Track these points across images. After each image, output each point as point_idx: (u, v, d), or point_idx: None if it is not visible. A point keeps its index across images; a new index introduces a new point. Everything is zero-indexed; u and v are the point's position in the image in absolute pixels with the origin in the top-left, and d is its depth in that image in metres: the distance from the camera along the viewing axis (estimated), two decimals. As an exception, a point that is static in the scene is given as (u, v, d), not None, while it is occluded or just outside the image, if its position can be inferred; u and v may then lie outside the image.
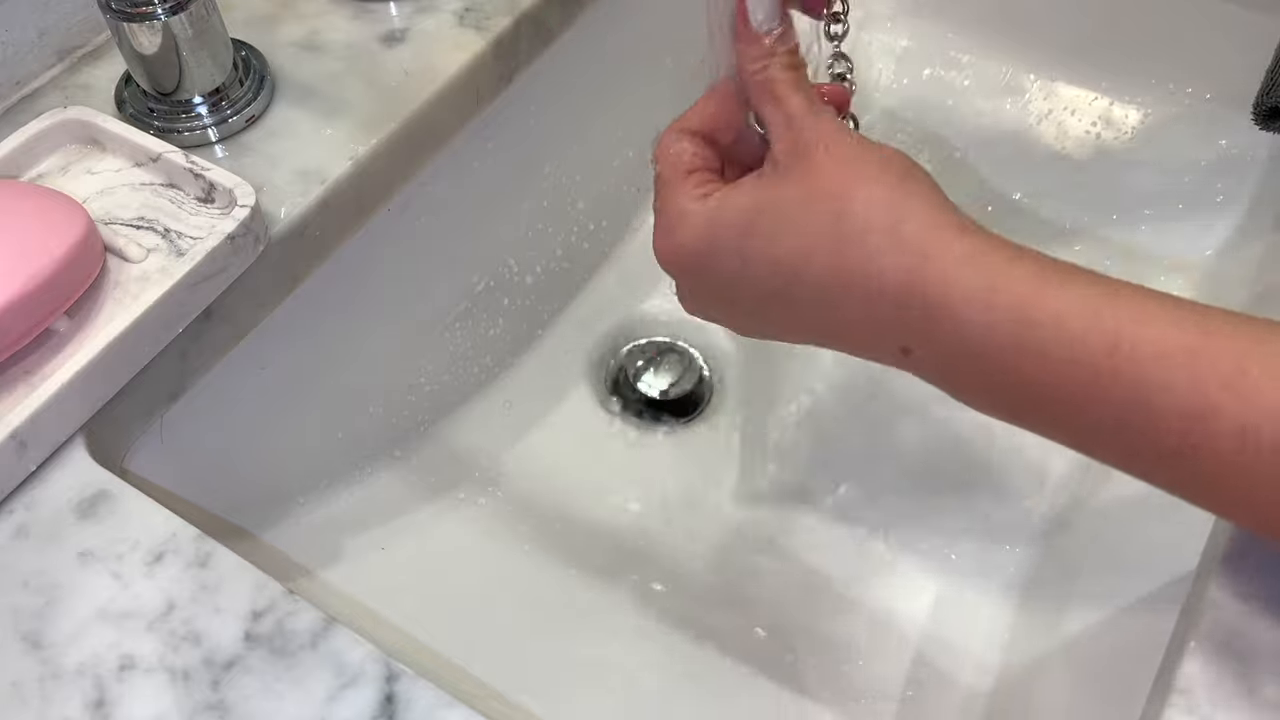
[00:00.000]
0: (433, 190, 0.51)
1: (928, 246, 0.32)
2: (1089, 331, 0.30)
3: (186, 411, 0.43)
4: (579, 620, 0.51)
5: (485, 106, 0.52)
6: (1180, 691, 0.32)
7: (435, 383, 0.56)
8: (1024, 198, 0.63)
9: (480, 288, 0.58)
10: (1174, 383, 0.29)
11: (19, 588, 0.35)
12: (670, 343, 0.62)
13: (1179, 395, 0.29)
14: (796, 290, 0.34)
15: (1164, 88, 0.62)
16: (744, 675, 0.49)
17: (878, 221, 0.32)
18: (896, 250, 0.32)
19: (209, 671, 0.33)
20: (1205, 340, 0.29)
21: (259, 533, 0.48)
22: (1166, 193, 0.61)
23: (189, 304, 0.40)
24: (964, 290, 0.31)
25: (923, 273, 0.32)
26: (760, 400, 0.59)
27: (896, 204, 0.32)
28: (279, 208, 0.43)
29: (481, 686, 0.46)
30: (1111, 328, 0.29)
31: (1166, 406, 0.29)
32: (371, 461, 0.54)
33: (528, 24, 0.52)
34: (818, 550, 0.53)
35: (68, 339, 0.38)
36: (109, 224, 0.41)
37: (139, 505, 0.37)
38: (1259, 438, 0.28)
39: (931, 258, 0.32)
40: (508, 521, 0.54)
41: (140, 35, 0.42)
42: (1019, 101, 0.65)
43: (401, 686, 0.33)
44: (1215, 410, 0.28)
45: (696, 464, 0.57)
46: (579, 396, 0.60)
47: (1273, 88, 0.47)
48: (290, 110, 0.47)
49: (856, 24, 0.68)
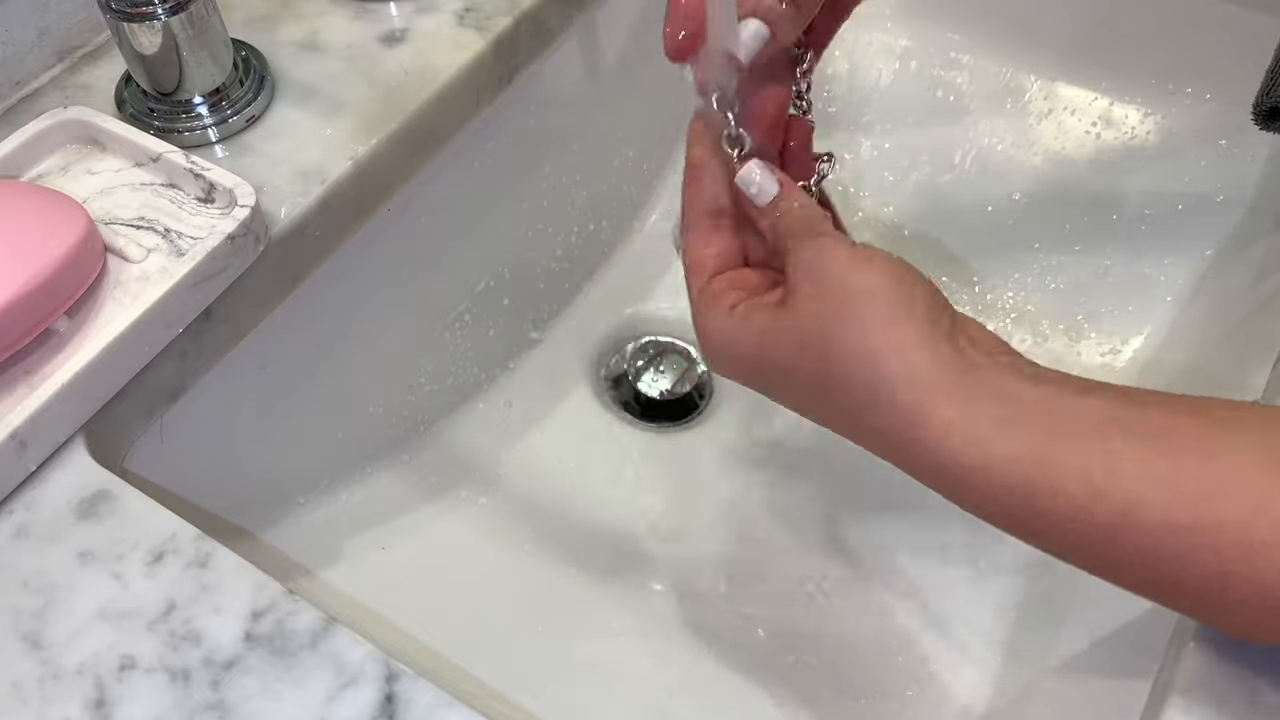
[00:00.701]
0: (433, 190, 0.51)
1: (913, 415, 0.31)
2: (1095, 506, 0.29)
3: (186, 411, 0.43)
4: (579, 620, 0.51)
5: (485, 106, 0.52)
6: (1180, 691, 0.32)
7: (435, 383, 0.56)
8: (1024, 198, 0.63)
9: (480, 288, 0.58)
10: (1184, 553, 0.29)
11: (19, 588, 0.35)
12: (670, 343, 0.62)
13: (1191, 565, 0.29)
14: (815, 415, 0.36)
15: (1164, 88, 0.62)
16: (744, 676, 0.49)
17: (857, 378, 0.32)
18: (885, 412, 0.32)
19: (209, 671, 0.33)
20: (1211, 508, 0.28)
21: (259, 533, 0.48)
22: (1166, 193, 0.61)
23: (189, 304, 0.40)
24: (960, 466, 0.31)
25: (913, 445, 0.32)
26: (760, 400, 0.59)
27: (878, 357, 0.32)
28: (279, 208, 0.43)
29: (481, 686, 0.46)
30: (1118, 505, 0.29)
31: (1181, 573, 0.29)
32: (371, 461, 0.54)
33: (528, 24, 0.52)
34: (818, 550, 0.53)
35: (68, 339, 0.38)
36: (109, 224, 0.41)
37: (139, 505, 0.37)
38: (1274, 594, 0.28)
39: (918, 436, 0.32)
40: (508, 521, 0.54)
41: (140, 35, 0.42)
42: (1019, 101, 0.65)
43: (401, 686, 0.33)
44: (1227, 577, 0.28)
45: (696, 464, 0.57)
46: (579, 396, 0.60)
47: (1273, 88, 0.47)
48: (290, 110, 0.47)
49: (857, 24, 0.68)
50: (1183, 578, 0.29)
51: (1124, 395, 0.31)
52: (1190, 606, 0.31)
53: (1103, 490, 0.29)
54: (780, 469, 0.56)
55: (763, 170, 0.36)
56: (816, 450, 0.57)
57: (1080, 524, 0.30)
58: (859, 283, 0.32)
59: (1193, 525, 0.28)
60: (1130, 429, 0.30)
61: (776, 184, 0.36)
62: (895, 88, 0.67)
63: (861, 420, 0.33)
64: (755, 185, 0.36)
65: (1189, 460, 0.29)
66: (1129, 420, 0.30)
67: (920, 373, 0.31)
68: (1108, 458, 0.29)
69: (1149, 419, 0.30)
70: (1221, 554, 0.28)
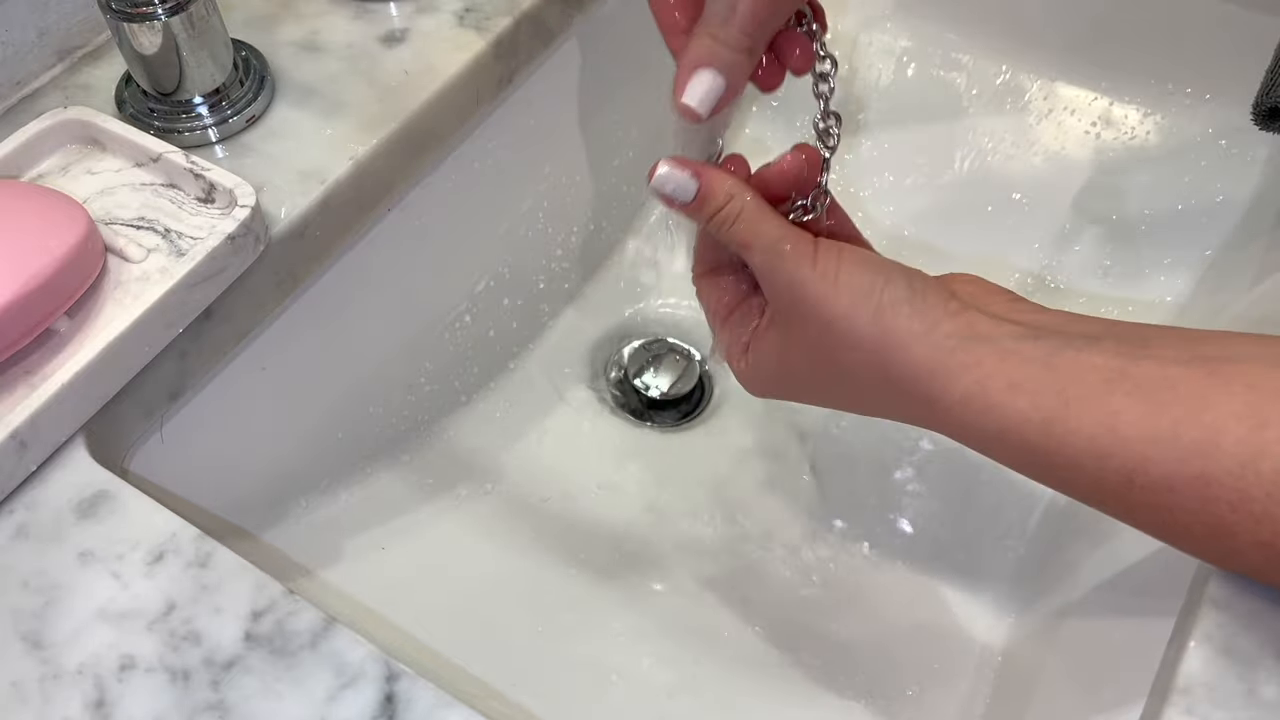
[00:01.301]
0: (433, 190, 0.51)
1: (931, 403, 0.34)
2: (1104, 466, 0.31)
3: (186, 411, 0.43)
4: (579, 620, 0.51)
5: (485, 106, 0.52)
6: (1180, 691, 0.32)
7: (435, 383, 0.56)
8: (1024, 198, 0.64)
9: (480, 288, 0.58)
10: (1190, 505, 0.30)
11: (19, 588, 0.35)
12: (670, 343, 0.62)
13: (1198, 516, 0.30)
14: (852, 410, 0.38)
15: (1164, 88, 0.62)
16: (744, 676, 0.49)
17: (869, 384, 0.35)
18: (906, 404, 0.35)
19: (209, 671, 0.33)
20: (1208, 464, 0.30)
21: (259, 533, 0.48)
22: (1166, 193, 0.61)
23: (189, 304, 0.40)
24: (981, 432, 0.33)
25: (932, 418, 0.34)
26: (759, 400, 0.59)
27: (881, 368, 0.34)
28: (279, 208, 0.43)
29: (481, 686, 0.46)
30: (1125, 465, 0.31)
31: (1189, 522, 0.31)
32: (371, 461, 0.54)
33: (528, 24, 0.52)
34: (818, 549, 0.53)
35: (68, 339, 0.38)
36: (109, 224, 0.41)
37: (139, 505, 0.37)
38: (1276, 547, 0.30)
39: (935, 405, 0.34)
40: (508, 521, 0.54)
41: (140, 35, 0.42)
42: (1019, 101, 0.65)
43: (401, 686, 0.33)
44: (1230, 529, 0.30)
45: (696, 464, 0.57)
46: (579, 396, 0.60)
47: (1273, 88, 0.47)
48: (290, 110, 0.47)
49: (857, 24, 0.68)
50: (1191, 526, 0.31)
51: (1123, 343, 0.32)
52: (1202, 552, 0.32)
53: (1109, 452, 0.31)
54: (780, 469, 0.56)
55: (672, 166, 0.37)
56: (816, 450, 0.57)
57: (1093, 481, 0.32)
58: (836, 309, 0.34)
59: (1193, 479, 0.30)
60: (1131, 385, 0.31)
61: (691, 177, 0.37)
62: (895, 88, 0.67)
63: (891, 411, 0.36)
64: (670, 184, 0.37)
65: (1186, 415, 0.30)
66: (1129, 374, 0.31)
67: (923, 366, 0.33)
68: (1111, 420, 0.31)
69: (1147, 373, 0.31)
70: (1220, 507, 0.30)
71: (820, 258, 0.35)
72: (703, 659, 0.50)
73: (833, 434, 0.57)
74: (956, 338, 0.33)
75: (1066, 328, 0.34)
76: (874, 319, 0.34)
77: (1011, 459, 0.34)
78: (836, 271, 0.35)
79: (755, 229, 0.36)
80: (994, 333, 0.33)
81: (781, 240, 0.35)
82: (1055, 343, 0.33)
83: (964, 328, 0.33)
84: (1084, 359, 0.32)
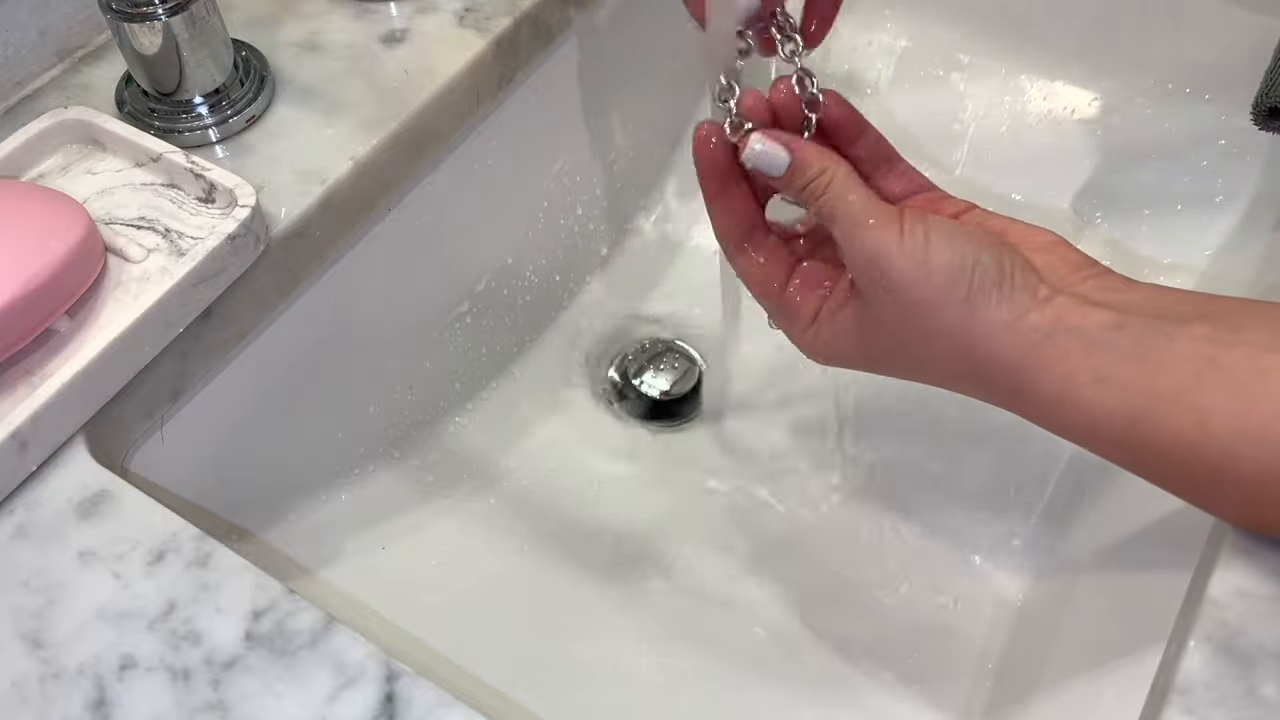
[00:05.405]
0: (433, 190, 0.51)
1: (1020, 396, 0.34)
2: (1193, 464, 0.31)
3: (186, 411, 0.43)
4: (579, 620, 0.51)
5: (485, 106, 0.52)
6: (1180, 691, 0.32)
7: (436, 383, 0.56)
8: (1024, 198, 0.63)
9: (480, 288, 0.58)
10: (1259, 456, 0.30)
11: (19, 588, 0.35)
12: (670, 342, 0.62)
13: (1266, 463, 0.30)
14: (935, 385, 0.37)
15: (1164, 88, 0.62)
16: (744, 676, 0.49)
17: (954, 372, 0.35)
18: (994, 393, 0.35)
19: (209, 671, 0.33)
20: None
21: (259, 533, 0.48)
22: (1166, 193, 0.61)
23: (189, 304, 0.40)
24: (1070, 426, 0.33)
25: (1018, 408, 0.34)
26: (760, 400, 0.59)
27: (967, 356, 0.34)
28: (279, 208, 0.43)
29: (481, 685, 0.46)
30: (1214, 460, 0.31)
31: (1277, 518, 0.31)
32: (371, 461, 0.54)
33: (528, 24, 0.52)
34: (818, 548, 0.53)
35: (68, 339, 0.38)
36: (109, 224, 0.41)
37: (139, 505, 0.37)
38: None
39: (1020, 397, 0.34)
40: (508, 521, 0.54)
41: (141, 35, 0.42)
42: (1019, 101, 0.65)
43: (401, 686, 0.33)
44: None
45: (696, 463, 0.57)
46: (579, 396, 0.60)
47: (1272, 88, 0.47)
48: (290, 110, 0.47)
49: (857, 24, 0.68)
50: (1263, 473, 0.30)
51: (1215, 326, 0.31)
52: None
53: (1198, 447, 0.31)
54: (780, 468, 0.56)
55: (764, 141, 0.36)
56: (816, 449, 0.57)
57: (1181, 474, 0.32)
58: (923, 293, 0.33)
59: (1264, 427, 0.30)
60: (1222, 376, 0.31)
61: (784, 150, 0.36)
62: (895, 88, 0.67)
63: (974, 394, 0.35)
64: (763, 159, 0.36)
65: (1277, 410, 0.30)
66: (1220, 364, 0.31)
67: (1008, 357, 0.33)
68: (1200, 415, 0.31)
69: (1238, 362, 0.31)
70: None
71: (907, 233, 0.34)
72: (703, 659, 0.50)
73: (833, 432, 0.57)
74: (1044, 330, 0.32)
75: (1156, 308, 0.33)
76: (961, 305, 0.33)
77: (1099, 450, 0.33)
78: (925, 249, 0.33)
79: (843, 199, 0.35)
80: (1082, 323, 0.32)
81: (866, 213, 0.35)
82: (1143, 330, 0.32)
83: (1051, 319, 0.33)
84: (1174, 349, 0.31)
